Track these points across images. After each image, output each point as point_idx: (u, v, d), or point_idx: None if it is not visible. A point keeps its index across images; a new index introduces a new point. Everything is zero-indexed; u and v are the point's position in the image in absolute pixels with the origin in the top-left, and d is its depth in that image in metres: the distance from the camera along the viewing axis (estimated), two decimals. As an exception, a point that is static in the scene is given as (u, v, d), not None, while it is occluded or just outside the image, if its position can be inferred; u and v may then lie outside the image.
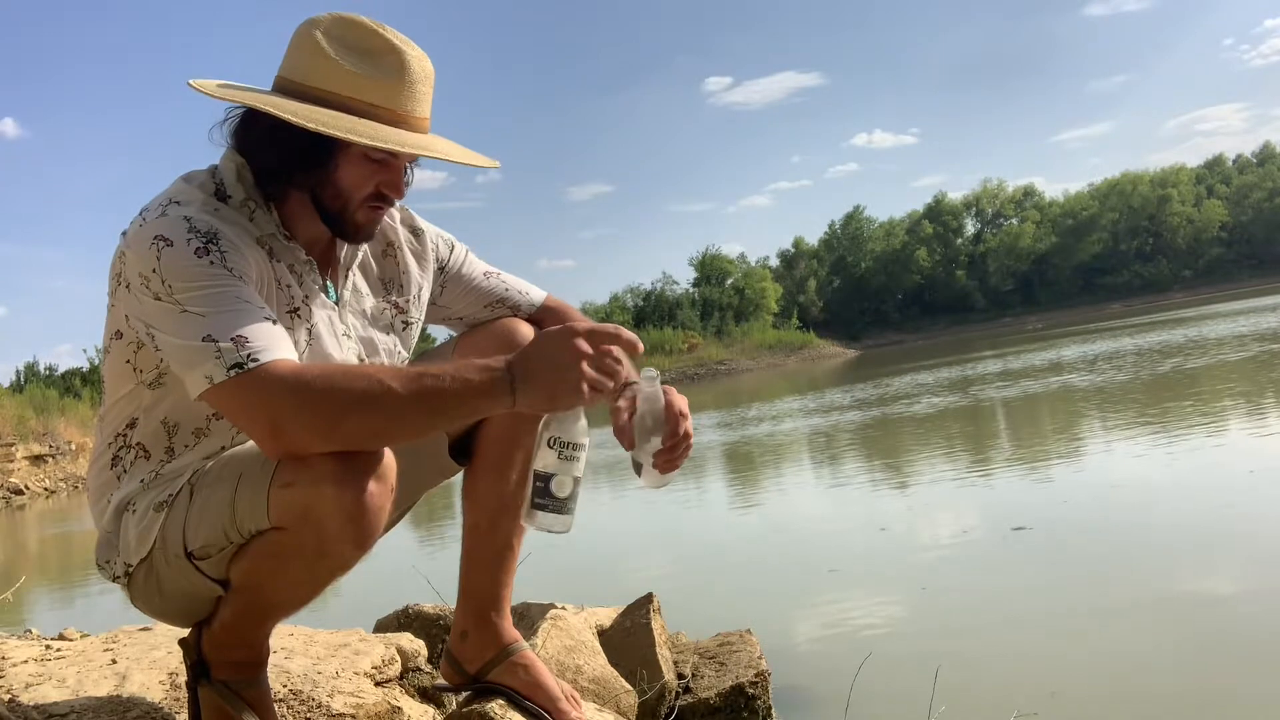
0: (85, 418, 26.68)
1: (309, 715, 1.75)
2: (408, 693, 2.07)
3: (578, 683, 2.26)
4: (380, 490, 1.36)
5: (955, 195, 70.56)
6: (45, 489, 21.26)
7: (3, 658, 1.93)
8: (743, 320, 53.97)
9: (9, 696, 1.69)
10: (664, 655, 2.68)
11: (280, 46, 1.45)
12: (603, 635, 2.76)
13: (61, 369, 33.78)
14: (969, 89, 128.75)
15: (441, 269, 1.73)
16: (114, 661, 1.89)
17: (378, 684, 1.96)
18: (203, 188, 1.42)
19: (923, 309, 66.07)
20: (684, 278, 61.68)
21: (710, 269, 58.04)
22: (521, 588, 1.89)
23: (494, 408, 1.31)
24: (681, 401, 1.59)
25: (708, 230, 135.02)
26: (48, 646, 2.07)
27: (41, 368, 33.57)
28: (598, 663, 2.44)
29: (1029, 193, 70.11)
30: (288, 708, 1.75)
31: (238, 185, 1.44)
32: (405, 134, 1.41)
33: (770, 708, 2.66)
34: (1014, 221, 68.12)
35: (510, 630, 1.79)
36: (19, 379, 32.30)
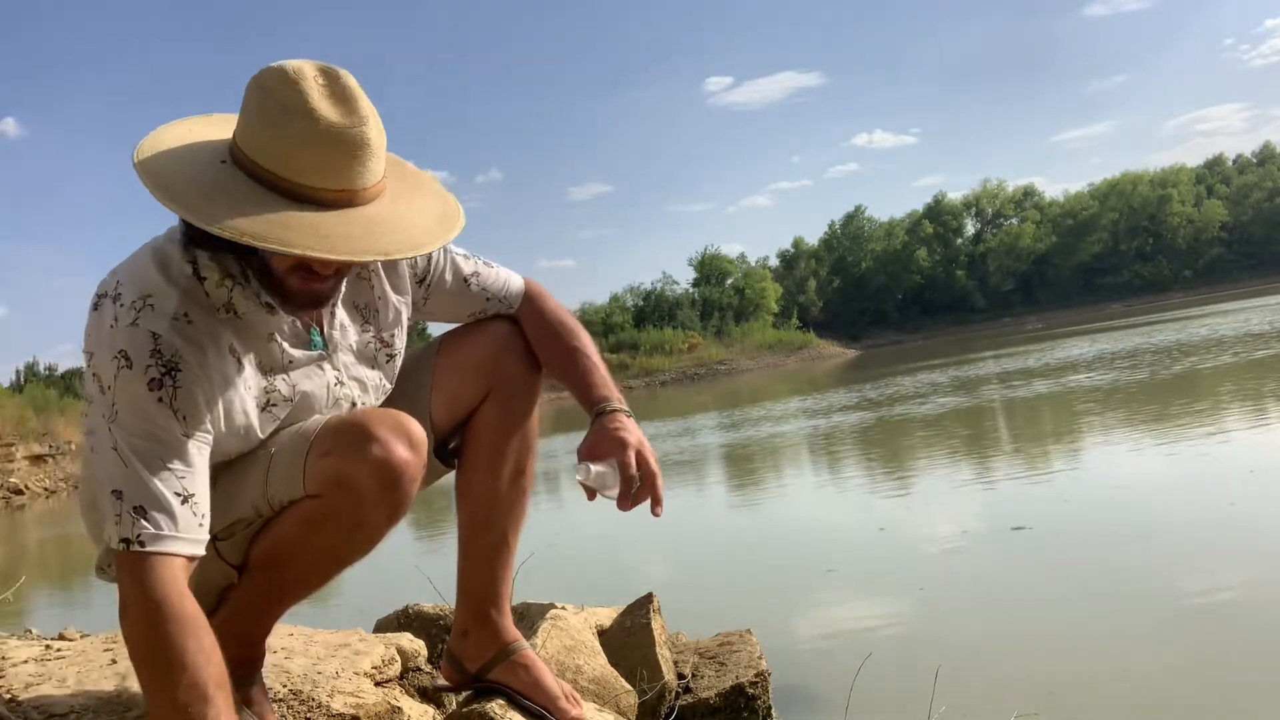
0: (85, 418, 26.70)
1: (309, 715, 1.75)
2: (408, 693, 2.07)
3: (578, 683, 2.26)
4: (416, 461, 1.43)
5: (955, 195, 70.65)
6: (45, 489, 21.25)
7: (3, 658, 1.93)
8: (743, 320, 54.01)
9: (9, 696, 1.69)
10: (664, 655, 2.68)
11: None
12: (603, 635, 2.76)
13: (61, 369, 33.88)
14: (969, 89, 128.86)
15: (421, 281, 1.66)
16: (114, 661, 1.89)
17: (378, 684, 1.96)
18: (176, 281, 1.36)
19: (923, 309, 66.08)
20: (684, 278, 61.81)
21: (710, 269, 58.07)
22: (521, 588, 1.89)
23: None
24: (628, 451, 1.57)
25: (708, 230, 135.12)
26: (48, 646, 2.07)
27: (41, 368, 33.66)
28: (598, 663, 2.44)
29: (1029, 193, 70.14)
30: (288, 707, 1.75)
31: (211, 264, 1.38)
32: (334, 229, 1.27)
33: (770, 708, 2.66)
34: (1014, 221, 68.15)
35: (511, 629, 1.79)
36: (19, 379, 32.36)
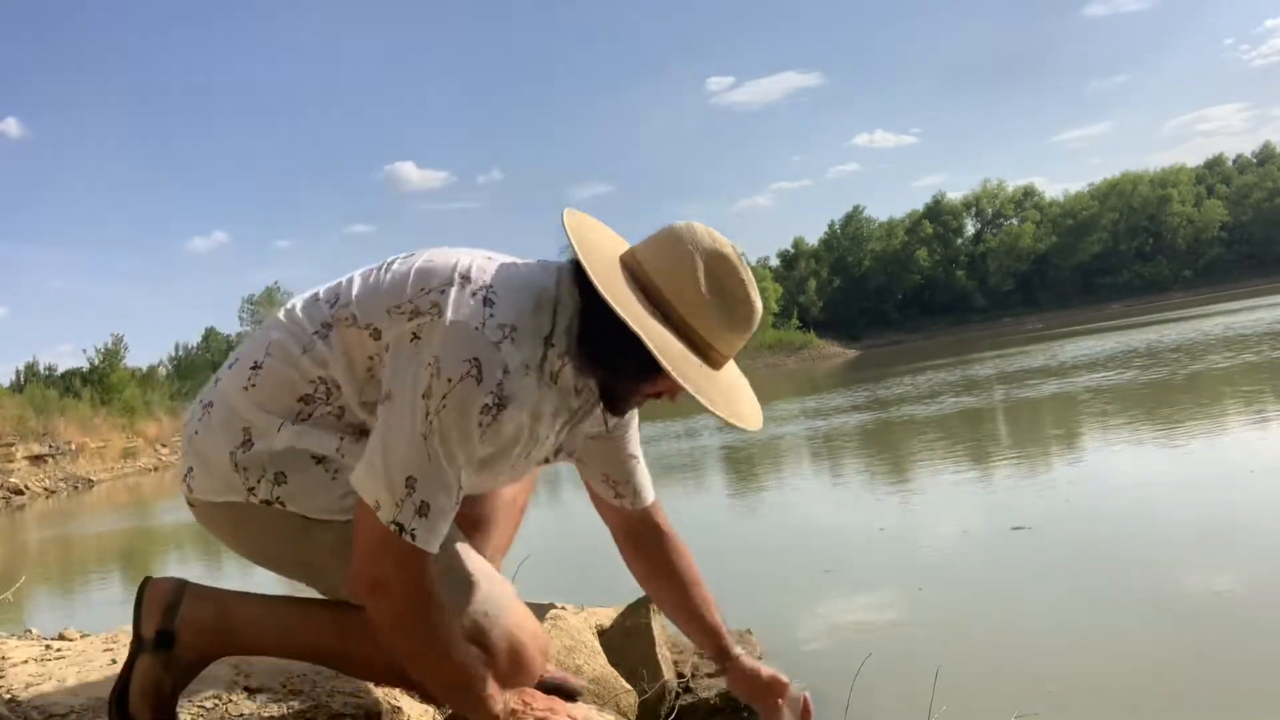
0: (85, 417, 26.67)
1: (309, 715, 1.75)
2: (408, 693, 2.07)
3: (578, 683, 2.26)
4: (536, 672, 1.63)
5: (955, 195, 70.65)
6: (45, 489, 21.26)
7: (3, 658, 1.93)
8: (742, 320, 53.97)
9: (9, 696, 1.69)
10: (664, 655, 2.68)
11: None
12: (603, 635, 2.76)
13: (61, 369, 33.85)
14: (969, 89, 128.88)
15: (605, 430, 1.71)
16: (114, 661, 1.89)
17: (377, 684, 1.96)
18: (539, 330, 1.43)
19: (923, 309, 66.10)
20: (684, 278, 61.54)
21: (710, 269, 58.05)
22: (521, 588, 1.89)
23: None
24: (789, 687, 1.70)
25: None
26: (48, 646, 2.07)
27: (41, 368, 33.63)
28: (598, 663, 2.44)
29: (1029, 193, 70.15)
30: (288, 707, 1.75)
31: (564, 337, 1.45)
32: (721, 391, 1.45)
33: (770, 708, 2.65)
34: (1014, 221, 68.17)
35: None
36: (19, 379, 32.33)
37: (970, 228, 70.18)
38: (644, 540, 1.79)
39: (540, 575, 3.05)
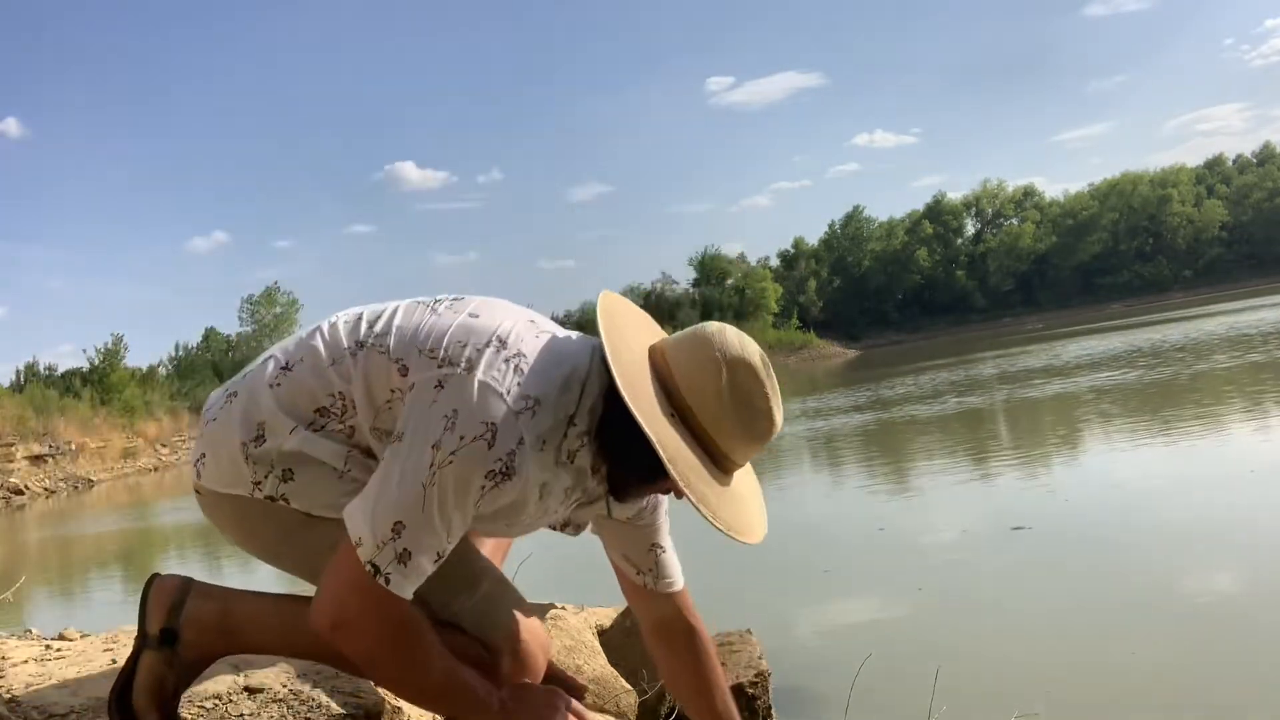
0: (85, 417, 26.68)
1: (309, 715, 1.75)
2: (408, 693, 2.06)
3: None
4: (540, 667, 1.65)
5: (955, 195, 70.57)
6: (45, 489, 21.27)
7: (3, 658, 1.93)
8: (743, 320, 53.90)
9: (9, 696, 1.69)
10: (664, 655, 2.68)
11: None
12: (603, 635, 2.76)
13: (61, 369, 33.77)
14: (970, 89, 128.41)
15: (607, 514, 1.68)
16: (114, 661, 1.89)
17: (379, 683, 1.96)
18: (561, 408, 1.42)
19: (923, 309, 66.05)
20: (684, 278, 61.61)
21: (710, 269, 58.12)
22: (521, 588, 1.89)
23: None
24: None
25: (708, 230, 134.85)
26: (48, 646, 2.07)
27: (41, 368, 33.57)
28: (598, 663, 2.44)
29: (1029, 193, 70.10)
30: (288, 707, 1.75)
31: (587, 417, 1.44)
32: (728, 505, 1.45)
33: (770, 708, 2.66)
34: (1014, 222, 68.10)
35: None
36: (19, 379, 32.29)
37: (970, 228, 70.12)
38: (674, 641, 1.78)
39: (540, 575, 3.05)
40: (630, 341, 1.46)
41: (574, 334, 1.54)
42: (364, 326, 1.52)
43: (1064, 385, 12.73)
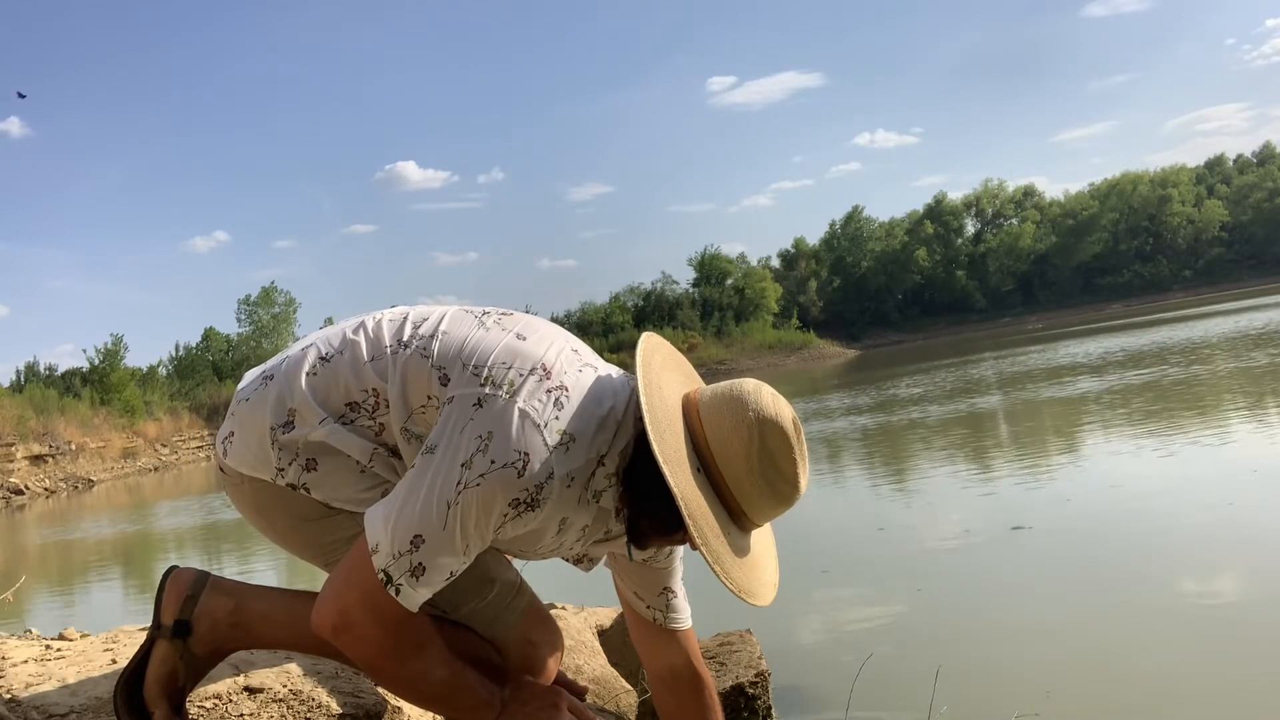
0: (85, 418, 26.69)
1: (309, 715, 1.75)
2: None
3: (577, 683, 2.26)
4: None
5: (955, 195, 70.54)
6: (45, 489, 21.28)
7: (3, 658, 1.93)
8: (743, 320, 54.01)
9: (9, 696, 1.69)
10: (664, 655, 2.68)
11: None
12: (603, 635, 2.76)
13: (61, 369, 33.84)
14: (970, 89, 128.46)
15: (629, 557, 1.69)
16: (114, 661, 1.89)
17: (378, 683, 1.96)
18: (594, 448, 1.42)
19: (923, 309, 66.04)
20: (684, 278, 61.62)
21: (710, 269, 58.08)
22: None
23: None
24: None
25: (708, 230, 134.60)
26: (48, 646, 2.07)
27: (41, 368, 33.62)
28: (598, 663, 2.44)
29: (1029, 193, 70.10)
30: (288, 707, 1.75)
31: (618, 458, 1.44)
32: (742, 569, 1.45)
33: (770, 708, 2.66)
34: (1014, 221, 68.08)
35: None
36: (19, 379, 32.34)
37: (970, 228, 70.10)
38: (680, 691, 1.78)
39: (540, 575, 3.05)
40: (666, 391, 1.45)
41: (615, 371, 1.54)
42: (409, 328, 1.51)
43: (1064, 385, 12.73)
